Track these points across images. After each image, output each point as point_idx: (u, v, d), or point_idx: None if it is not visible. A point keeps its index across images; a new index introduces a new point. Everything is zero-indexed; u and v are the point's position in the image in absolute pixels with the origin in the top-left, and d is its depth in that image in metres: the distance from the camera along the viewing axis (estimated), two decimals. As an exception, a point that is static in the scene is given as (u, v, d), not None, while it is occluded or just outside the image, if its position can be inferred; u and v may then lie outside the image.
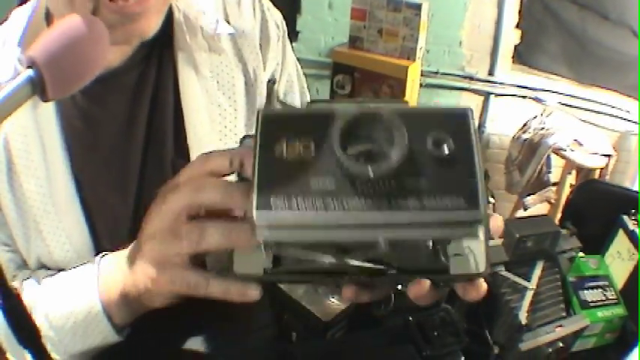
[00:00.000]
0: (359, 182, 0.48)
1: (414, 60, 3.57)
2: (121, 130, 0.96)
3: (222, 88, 1.02)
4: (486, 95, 4.12)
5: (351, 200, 0.48)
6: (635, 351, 1.16)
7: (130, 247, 0.77)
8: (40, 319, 0.90)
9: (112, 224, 0.93)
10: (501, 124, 4.03)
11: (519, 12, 4.05)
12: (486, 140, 4.10)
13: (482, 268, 0.53)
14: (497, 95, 4.10)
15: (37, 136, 0.91)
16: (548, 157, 3.19)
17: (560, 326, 1.03)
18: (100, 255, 0.86)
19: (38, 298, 0.91)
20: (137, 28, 0.82)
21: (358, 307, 0.77)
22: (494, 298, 1.00)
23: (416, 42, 3.59)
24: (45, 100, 0.63)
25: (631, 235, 1.27)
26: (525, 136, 3.34)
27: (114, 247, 0.84)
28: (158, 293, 0.73)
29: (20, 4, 0.99)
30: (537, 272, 1.05)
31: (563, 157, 3.16)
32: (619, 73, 3.77)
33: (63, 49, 0.62)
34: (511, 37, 4.05)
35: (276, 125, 0.51)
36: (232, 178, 0.64)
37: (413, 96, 3.41)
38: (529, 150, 3.27)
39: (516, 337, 0.95)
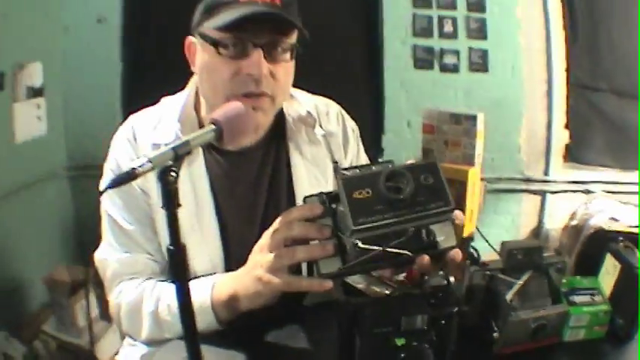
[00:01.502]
0: (396, 203, 1.00)
1: (473, 165, 3.94)
2: (251, 187, 1.53)
3: (318, 167, 1.60)
4: (543, 194, 4.44)
5: (395, 212, 1.00)
6: (632, 345, 1.46)
7: (243, 268, 1.28)
8: (162, 307, 1.40)
9: (241, 244, 1.40)
10: (557, 218, 4.30)
11: (567, 112, 4.38)
12: (545, 236, 4.39)
13: (453, 243, 1.09)
14: (552, 193, 4.41)
15: (189, 182, 1.46)
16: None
17: (544, 309, 1.39)
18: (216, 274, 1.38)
19: (165, 293, 1.40)
20: (257, 118, 1.38)
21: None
22: (494, 295, 1.38)
23: (474, 149, 3.97)
24: (220, 145, 1.22)
25: (616, 253, 1.57)
26: (573, 223, 3.61)
27: (241, 260, 1.31)
28: (264, 293, 1.23)
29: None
30: (526, 275, 1.42)
31: (601, 234, 3.37)
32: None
33: (233, 117, 1.16)
34: (562, 137, 4.39)
35: (350, 183, 1.02)
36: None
37: (475, 196, 3.76)
38: (575, 234, 3.52)
39: (506, 313, 1.33)
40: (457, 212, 1.08)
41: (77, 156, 4.42)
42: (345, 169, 1.10)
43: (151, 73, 4.30)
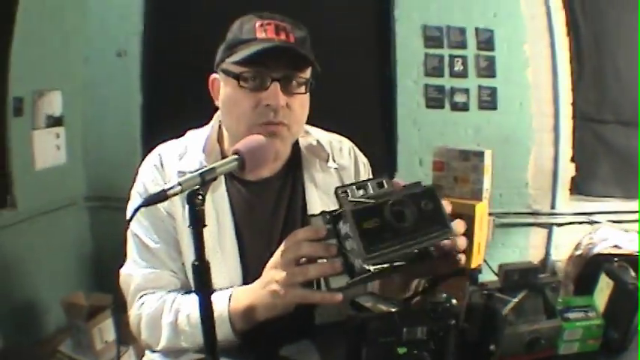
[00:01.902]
0: (402, 230, 1.11)
1: (481, 199, 4.01)
2: (269, 214, 1.66)
3: (330, 197, 1.66)
4: (549, 227, 4.52)
5: (401, 238, 1.11)
6: (626, 357, 1.53)
7: (258, 282, 1.38)
8: (182, 318, 1.50)
9: (258, 267, 1.44)
10: (563, 249, 4.37)
11: (573, 146, 4.47)
12: (552, 267, 4.43)
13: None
14: (559, 225, 4.48)
15: (213, 208, 1.58)
16: (593, 266, 3.47)
17: (538, 324, 1.48)
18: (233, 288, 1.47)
19: (185, 304, 1.51)
20: (275, 144, 1.50)
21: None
22: (492, 311, 1.48)
23: (482, 184, 4.04)
24: (241, 172, 1.29)
25: (609, 271, 1.65)
26: (577, 252, 3.67)
27: (256, 278, 1.41)
28: (279, 305, 1.34)
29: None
30: (522, 294, 1.50)
31: (603, 261, 3.43)
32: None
33: (254, 148, 1.28)
34: (568, 171, 4.47)
35: (359, 214, 1.12)
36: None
37: (482, 230, 3.83)
38: (579, 263, 3.59)
39: (502, 327, 1.43)
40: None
41: (96, 186, 4.57)
42: (343, 186, 1.23)
43: (170, 105, 4.48)
